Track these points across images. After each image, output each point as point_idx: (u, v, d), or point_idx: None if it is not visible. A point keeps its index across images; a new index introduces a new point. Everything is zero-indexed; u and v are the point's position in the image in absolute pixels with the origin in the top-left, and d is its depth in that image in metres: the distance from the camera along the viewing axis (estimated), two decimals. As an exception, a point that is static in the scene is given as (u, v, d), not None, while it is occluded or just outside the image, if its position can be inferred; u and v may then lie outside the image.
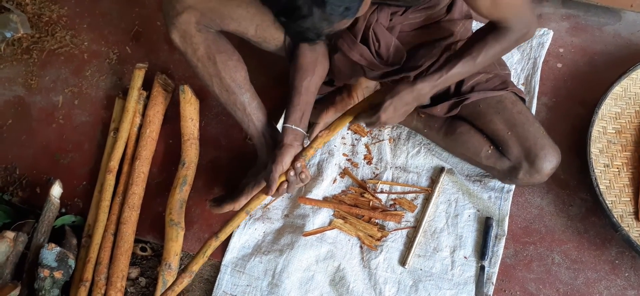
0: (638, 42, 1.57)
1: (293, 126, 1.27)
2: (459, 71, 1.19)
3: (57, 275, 1.37)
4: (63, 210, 1.57)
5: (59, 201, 1.51)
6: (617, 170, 1.37)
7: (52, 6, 1.96)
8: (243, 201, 1.38)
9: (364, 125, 1.26)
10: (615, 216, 1.28)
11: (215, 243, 1.20)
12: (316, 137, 1.26)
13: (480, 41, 1.18)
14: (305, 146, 1.27)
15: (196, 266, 1.19)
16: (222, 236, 1.20)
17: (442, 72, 1.19)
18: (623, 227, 1.26)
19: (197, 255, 1.19)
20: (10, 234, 1.40)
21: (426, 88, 1.21)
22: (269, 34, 1.31)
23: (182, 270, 1.18)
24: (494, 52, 1.18)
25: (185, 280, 1.18)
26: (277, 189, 1.21)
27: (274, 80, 1.62)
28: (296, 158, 1.22)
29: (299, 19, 0.89)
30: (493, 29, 1.17)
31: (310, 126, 1.48)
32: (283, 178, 1.23)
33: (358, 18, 1.30)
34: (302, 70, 1.30)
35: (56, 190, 1.50)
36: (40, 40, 1.89)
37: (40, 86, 1.81)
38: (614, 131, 1.40)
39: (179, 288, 1.17)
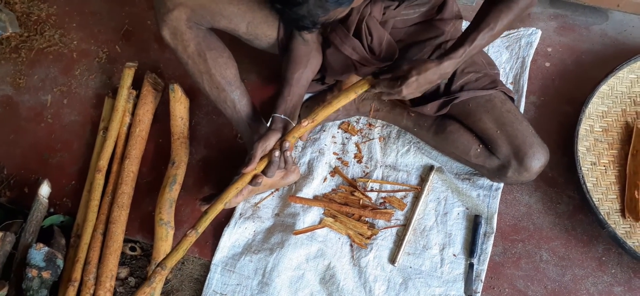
0: (624, 42, 1.59)
1: (282, 116, 1.25)
2: (480, 43, 1.18)
3: (45, 274, 1.36)
4: (51, 210, 1.56)
5: (47, 200, 1.50)
6: (603, 168, 1.38)
7: (41, 5, 1.94)
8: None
9: (383, 91, 1.22)
10: (602, 213, 1.29)
11: (193, 238, 1.14)
12: (299, 124, 1.20)
13: (495, 11, 1.17)
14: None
15: (172, 262, 1.13)
16: (201, 229, 1.15)
17: (465, 47, 1.17)
18: (609, 224, 1.27)
19: (177, 250, 1.13)
20: (-3, 234, 1.39)
21: (451, 67, 1.19)
22: (261, 31, 1.32)
23: (158, 264, 1.13)
24: (508, 20, 1.18)
25: (165, 273, 1.13)
26: (256, 178, 1.17)
27: (265, 78, 1.62)
28: (281, 141, 1.19)
29: (294, 6, 0.90)
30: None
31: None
32: (265, 162, 1.18)
33: (351, 11, 1.30)
34: (295, 62, 1.30)
35: (44, 190, 1.49)
36: (29, 39, 1.88)
37: (29, 85, 1.79)
38: (601, 130, 1.42)
39: (157, 281, 1.13)
